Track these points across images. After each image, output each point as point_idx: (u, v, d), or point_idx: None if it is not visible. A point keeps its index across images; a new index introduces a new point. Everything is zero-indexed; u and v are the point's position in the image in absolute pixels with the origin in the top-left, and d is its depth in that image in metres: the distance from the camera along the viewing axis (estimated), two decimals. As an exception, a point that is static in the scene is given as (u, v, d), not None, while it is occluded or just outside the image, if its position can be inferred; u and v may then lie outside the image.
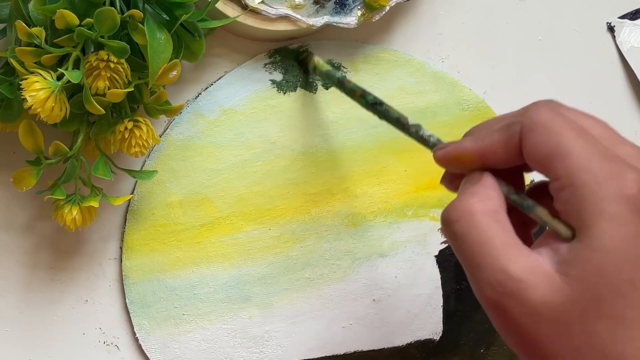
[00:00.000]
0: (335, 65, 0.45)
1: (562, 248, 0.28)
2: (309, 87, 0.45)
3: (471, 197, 0.29)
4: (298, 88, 0.44)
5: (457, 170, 0.32)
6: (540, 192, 0.31)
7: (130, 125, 0.37)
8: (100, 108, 0.35)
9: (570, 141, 0.28)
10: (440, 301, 0.47)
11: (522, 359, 0.29)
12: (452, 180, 0.34)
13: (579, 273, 0.27)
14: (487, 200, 0.29)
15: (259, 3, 0.42)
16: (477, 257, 0.28)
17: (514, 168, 0.31)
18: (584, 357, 0.27)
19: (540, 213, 0.29)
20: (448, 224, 0.30)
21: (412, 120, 0.35)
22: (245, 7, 0.42)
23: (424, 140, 0.35)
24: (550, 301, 0.27)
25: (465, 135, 0.33)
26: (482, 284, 0.28)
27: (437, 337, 0.47)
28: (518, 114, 0.30)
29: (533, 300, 0.27)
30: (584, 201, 0.27)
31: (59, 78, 0.34)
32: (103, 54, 0.35)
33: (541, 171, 0.29)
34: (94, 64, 0.35)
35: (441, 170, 0.41)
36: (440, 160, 0.33)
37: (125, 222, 0.43)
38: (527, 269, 0.27)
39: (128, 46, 0.35)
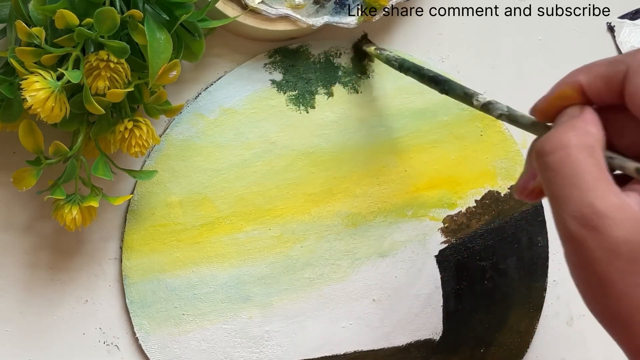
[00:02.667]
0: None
1: None
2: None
3: (569, 130, 0.29)
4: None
5: (559, 109, 0.32)
6: None
7: (130, 125, 0.37)
8: (100, 108, 0.35)
9: None
10: (440, 301, 0.47)
11: (586, 299, 0.29)
12: (527, 183, 0.33)
13: None
14: (584, 135, 0.29)
15: (259, 3, 0.42)
16: (566, 189, 0.28)
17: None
18: None
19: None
20: (541, 154, 0.29)
21: (480, 95, 0.35)
22: (245, 7, 0.42)
23: (488, 109, 0.35)
24: (632, 240, 0.27)
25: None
26: (567, 217, 0.28)
27: (437, 337, 0.47)
28: (626, 54, 0.30)
29: (615, 237, 0.27)
30: None
31: (59, 78, 0.34)
32: (103, 54, 0.35)
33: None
34: (94, 64, 0.35)
35: (440, 170, 0.41)
36: (542, 106, 0.32)
37: (125, 222, 0.43)
38: (614, 206, 0.27)
39: (128, 46, 0.35)
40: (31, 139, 0.37)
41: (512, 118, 0.34)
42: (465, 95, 0.36)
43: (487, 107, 0.35)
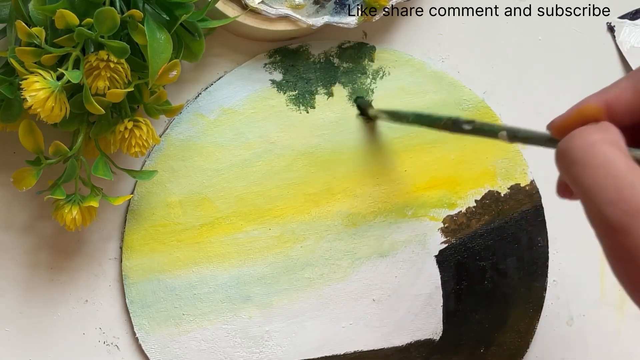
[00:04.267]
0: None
1: None
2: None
3: (590, 128, 0.28)
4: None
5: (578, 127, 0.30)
6: None
7: (130, 125, 0.37)
8: (100, 108, 0.35)
9: None
10: (440, 301, 0.47)
11: (630, 290, 0.28)
12: (565, 188, 0.33)
13: None
14: (607, 132, 0.28)
15: (259, 3, 0.42)
16: (600, 178, 0.27)
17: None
18: None
19: None
20: (566, 151, 0.28)
21: (506, 130, 0.33)
22: (245, 7, 0.42)
23: (523, 138, 0.33)
24: None
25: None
26: (606, 207, 0.26)
27: (437, 337, 0.47)
28: None
29: None
30: None
31: (59, 78, 0.34)
32: (103, 54, 0.35)
33: None
34: (94, 64, 0.35)
35: (440, 170, 0.41)
36: (558, 129, 0.30)
37: (125, 222, 0.43)
38: None
39: (128, 46, 0.35)
40: (31, 139, 0.37)
41: (527, 137, 0.33)
42: (492, 131, 0.34)
43: (512, 138, 0.34)
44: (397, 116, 0.42)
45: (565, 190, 0.33)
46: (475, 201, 0.47)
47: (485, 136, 0.35)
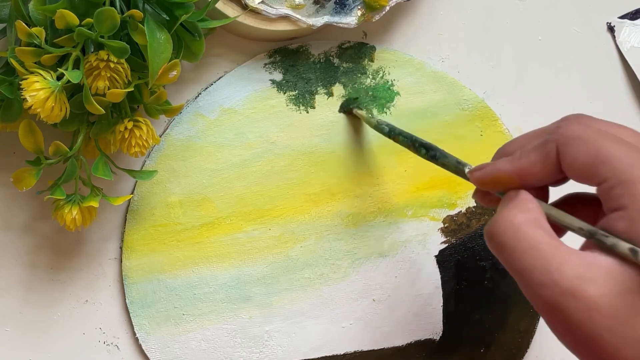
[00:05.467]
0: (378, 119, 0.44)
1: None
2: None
3: (512, 210, 0.30)
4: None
5: (494, 190, 0.33)
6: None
7: (130, 125, 0.37)
8: (100, 108, 0.35)
9: (609, 147, 0.29)
10: (440, 301, 0.47)
11: (579, 357, 0.29)
12: (483, 196, 0.35)
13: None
14: (528, 211, 0.30)
15: (259, 3, 0.42)
16: (527, 262, 0.29)
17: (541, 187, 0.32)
18: None
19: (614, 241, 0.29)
20: (493, 236, 0.30)
21: (470, 166, 0.35)
22: (245, 7, 0.42)
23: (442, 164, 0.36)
24: (609, 293, 0.27)
25: (498, 154, 0.34)
26: (536, 288, 0.28)
27: (437, 337, 0.47)
28: (549, 131, 0.31)
29: (592, 295, 0.27)
30: (638, 194, 0.28)
31: (59, 78, 0.34)
32: (103, 54, 0.35)
33: (584, 180, 0.30)
34: (94, 64, 0.35)
35: (440, 170, 0.41)
36: (478, 182, 0.33)
37: (125, 222, 0.43)
38: (582, 265, 0.28)
39: (128, 46, 0.35)
40: (31, 139, 0.37)
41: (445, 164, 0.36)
42: (457, 165, 0.35)
43: (432, 158, 0.37)
44: (377, 129, 0.43)
45: (483, 198, 0.36)
46: (476, 201, 0.47)
47: (449, 168, 0.37)
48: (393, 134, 0.41)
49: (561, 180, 0.32)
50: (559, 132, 0.30)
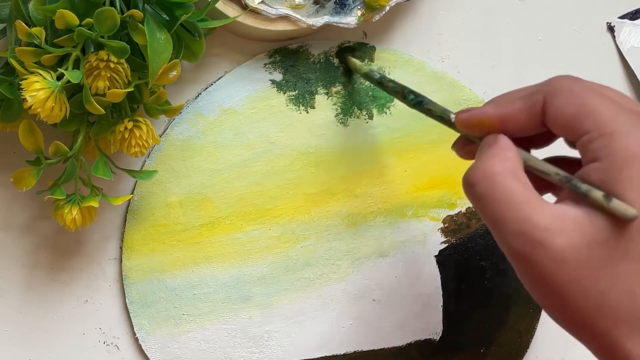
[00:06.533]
0: (372, 65, 0.44)
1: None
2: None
3: (490, 159, 0.31)
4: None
5: (477, 134, 0.33)
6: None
7: (130, 125, 0.37)
8: (100, 108, 0.35)
9: (594, 100, 0.29)
10: (440, 301, 0.47)
11: (547, 310, 0.30)
12: (464, 146, 0.35)
13: (606, 216, 0.28)
14: (505, 161, 0.30)
15: (259, 3, 0.42)
16: (501, 212, 0.29)
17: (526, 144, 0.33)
18: (610, 301, 0.28)
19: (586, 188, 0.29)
20: (470, 186, 0.31)
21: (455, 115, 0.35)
22: (245, 7, 0.42)
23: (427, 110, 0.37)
24: (576, 244, 0.28)
25: (487, 102, 0.34)
26: (508, 237, 0.29)
27: (437, 337, 0.47)
28: (539, 84, 0.32)
29: (559, 246, 0.28)
30: (617, 147, 0.28)
31: (59, 78, 0.34)
32: (103, 54, 0.35)
33: (566, 132, 0.30)
34: (94, 64, 0.35)
35: (440, 170, 0.41)
36: (461, 123, 0.34)
37: (125, 222, 0.43)
38: (552, 216, 0.29)
39: (128, 46, 0.35)
40: (31, 139, 0.37)
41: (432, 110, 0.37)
42: (444, 112, 0.36)
43: (416, 105, 0.37)
44: (367, 77, 0.43)
45: (462, 148, 0.36)
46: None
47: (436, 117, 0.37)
48: (384, 80, 0.41)
49: (543, 138, 0.32)
50: (548, 84, 0.31)
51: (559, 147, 0.34)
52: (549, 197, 0.33)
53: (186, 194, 0.43)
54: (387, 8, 0.43)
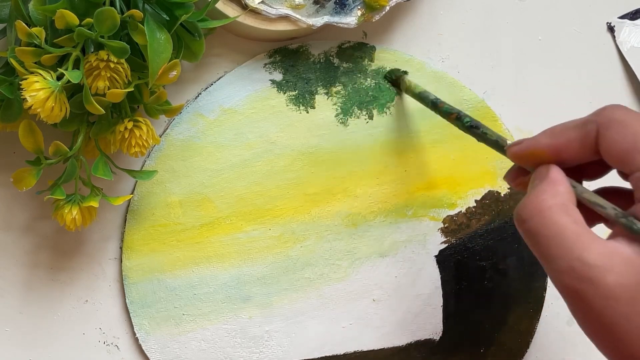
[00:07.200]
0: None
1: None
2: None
3: (541, 194, 0.31)
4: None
5: (531, 165, 0.33)
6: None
7: (130, 125, 0.37)
8: (100, 108, 0.35)
9: None
10: (440, 301, 0.47)
11: (599, 347, 0.31)
12: (516, 177, 0.35)
13: None
14: (556, 196, 0.30)
15: (259, 3, 0.42)
16: (552, 249, 0.30)
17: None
18: None
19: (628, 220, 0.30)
20: (522, 222, 0.31)
21: (509, 142, 0.35)
22: (245, 7, 0.42)
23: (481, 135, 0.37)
24: (627, 283, 0.28)
25: (541, 133, 0.34)
26: (559, 274, 0.29)
27: (437, 337, 0.47)
28: (592, 114, 0.32)
29: (609, 284, 0.28)
30: None
31: (59, 78, 0.34)
32: (103, 54, 0.35)
33: (619, 165, 0.30)
34: (94, 64, 0.35)
35: (440, 170, 0.41)
36: (515, 156, 0.34)
37: (125, 222, 0.43)
38: (602, 254, 0.29)
39: (128, 46, 0.35)
40: (31, 139, 0.37)
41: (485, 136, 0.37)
42: (498, 139, 0.36)
43: (470, 128, 0.38)
44: (420, 97, 0.43)
45: (514, 179, 0.36)
46: (475, 201, 0.47)
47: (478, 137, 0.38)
48: (438, 102, 0.41)
49: (596, 169, 0.32)
50: (601, 115, 0.31)
51: (613, 178, 0.34)
52: (602, 229, 0.33)
53: (186, 194, 0.43)
54: (387, 8, 0.43)
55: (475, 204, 0.47)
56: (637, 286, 0.28)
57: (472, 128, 0.38)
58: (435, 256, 0.47)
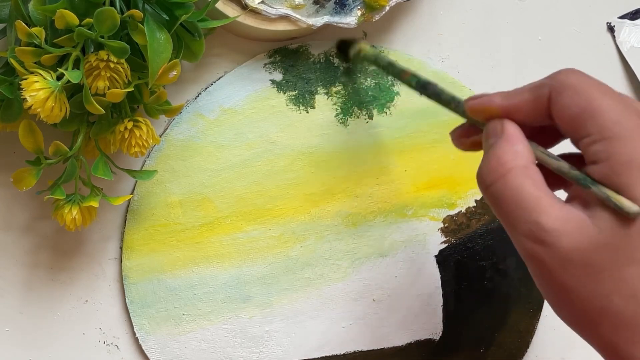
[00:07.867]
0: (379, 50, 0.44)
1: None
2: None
3: (502, 155, 0.31)
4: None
5: (483, 120, 0.33)
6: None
7: (130, 125, 0.37)
8: (100, 108, 0.35)
9: (599, 100, 0.29)
10: (440, 301, 0.47)
11: (554, 309, 0.31)
12: (462, 136, 0.36)
13: (612, 219, 0.28)
14: (517, 157, 0.31)
15: (259, 3, 0.42)
16: (513, 213, 0.30)
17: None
18: (613, 305, 0.28)
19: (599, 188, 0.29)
20: (485, 187, 0.31)
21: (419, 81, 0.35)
22: (245, 7, 0.42)
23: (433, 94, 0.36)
24: (582, 247, 0.28)
25: (496, 92, 0.34)
26: (519, 237, 0.30)
27: (437, 337, 0.47)
28: (547, 77, 0.32)
29: (565, 248, 0.29)
30: (616, 152, 0.28)
31: (59, 78, 0.34)
32: (103, 54, 0.35)
33: (570, 130, 0.30)
34: (94, 64, 0.35)
35: (440, 170, 0.41)
36: (470, 109, 0.34)
37: (125, 222, 0.43)
38: (559, 218, 0.29)
39: (128, 46, 0.35)
40: (31, 139, 0.37)
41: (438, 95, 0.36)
42: (452, 97, 0.35)
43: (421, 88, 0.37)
44: (376, 61, 0.41)
45: (460, 139, 0.36)
46: (475, 201, 0.47)
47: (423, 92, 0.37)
48: (395, 63, 0.39)
49: (549, 137, 0.33)
50: (555, 79, 0.31)
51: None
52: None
53: (186, 193, 0.43)
54: (387, 8, 0.43)
55: (475, 204, 0.47)
56: (591, 251, 0.28)
57: (427, 85, 0.36)
58: (435, 256, 0.47)
